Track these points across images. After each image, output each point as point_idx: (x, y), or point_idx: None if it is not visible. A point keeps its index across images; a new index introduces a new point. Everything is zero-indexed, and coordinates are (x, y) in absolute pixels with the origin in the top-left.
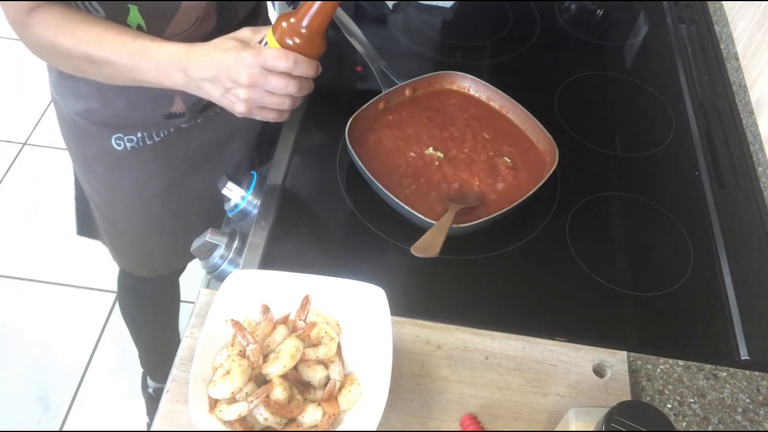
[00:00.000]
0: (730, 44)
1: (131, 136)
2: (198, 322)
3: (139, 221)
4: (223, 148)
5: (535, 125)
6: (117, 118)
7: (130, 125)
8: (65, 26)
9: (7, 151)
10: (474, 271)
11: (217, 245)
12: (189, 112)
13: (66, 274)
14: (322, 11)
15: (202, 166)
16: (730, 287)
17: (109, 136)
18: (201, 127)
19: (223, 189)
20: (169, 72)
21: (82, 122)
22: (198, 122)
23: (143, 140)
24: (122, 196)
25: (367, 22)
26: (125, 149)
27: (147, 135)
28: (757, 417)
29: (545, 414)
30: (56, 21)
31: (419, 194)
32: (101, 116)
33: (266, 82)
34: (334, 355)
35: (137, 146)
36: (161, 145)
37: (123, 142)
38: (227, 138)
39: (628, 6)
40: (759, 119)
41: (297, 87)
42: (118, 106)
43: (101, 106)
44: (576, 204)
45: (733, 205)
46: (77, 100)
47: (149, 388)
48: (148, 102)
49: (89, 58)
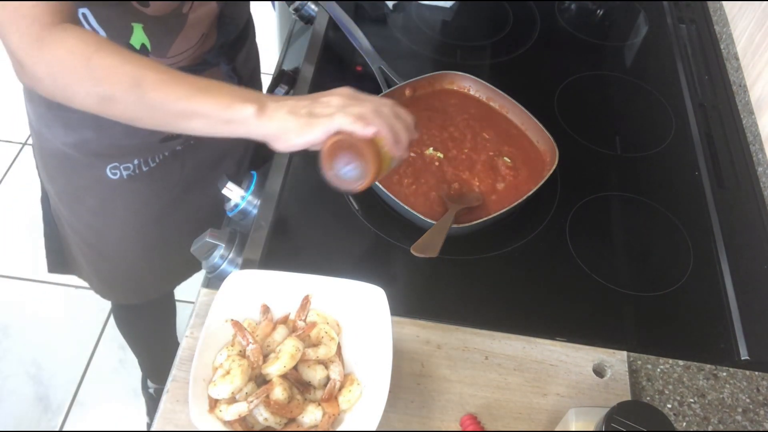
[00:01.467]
0: (730, 44)
1: (128, 164)
2: (198, 322)
3: (131, 249)
4: (214, 168)
5: (535, 125)
6: (112, 147)
7: (126, 152)
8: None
9: (7, 151)
10: (474, 271)
11: (217, 245)
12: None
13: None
14: None
15: (194, 187)
16: (730, 287)
17: (103, 166)
18: (195, 148)
19: (223, 189)
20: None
21: (74, 154)
22: (191, 144)
23: (139, 167)
24: (115, 225)
25: (367, 22)
26: (121, 178)
27: (143, 161)
28: (757, 417)
29: (545, 414)
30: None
31: (419, 194)
32: (96, 146)
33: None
34: (334, 355)
35: (133, 174)
36: (157, 170)
37: (119, 171)
38: (219, 157)
39: (628, 6)
40: (759, 119)
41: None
42: (113, 133)
43: (96, 135)
44: (576, 204)
45: (733, 205)
46: (68, 131)
47: (150, 388)
48: None
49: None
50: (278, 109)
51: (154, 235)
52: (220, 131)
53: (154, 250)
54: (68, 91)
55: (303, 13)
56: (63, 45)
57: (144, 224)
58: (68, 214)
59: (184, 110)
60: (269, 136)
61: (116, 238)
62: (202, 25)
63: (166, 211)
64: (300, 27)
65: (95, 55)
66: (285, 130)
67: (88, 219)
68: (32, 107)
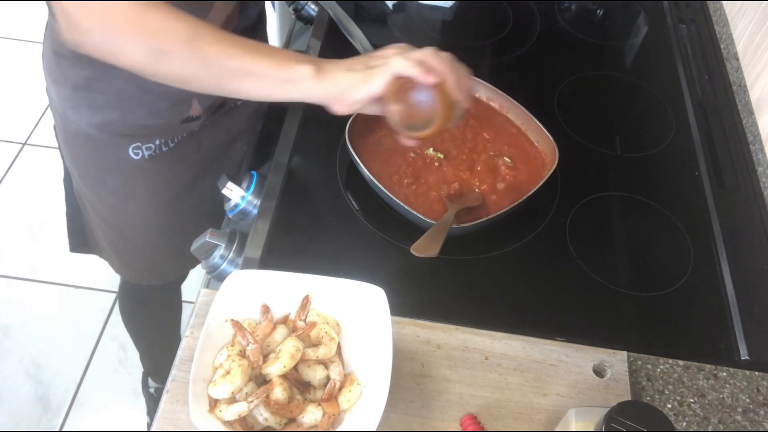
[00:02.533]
0: (730, 44)
1: (149, 144)
2: (198, 322)
3: (151, 229)
4: (228, 149)
5: (535, 125)
6: (136, 127)
7: (148, 133)
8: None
9: (7, 151)
10: (474, 271)
11: (217, 245)
12: (204, 114)
13: (66, 274)
14: None
15: (210, 168)
16: (730, 287)
17: (126, 146)
18: (210, 129)
19: (223, 189)
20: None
21: (98, 135)
22: (207, 124)
23: (160, 147)
24: (137, 206)
25: (367, 22)
26: (143, 158)
27: (163, 142)
28: (757, 417)
29: (545, 414)
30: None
31: (419, 194)
32: (120, 126)
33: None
34: (334, 355)
35: (154, 154)
36: (176, 150)
37: (141, 151)
38: (232, 138)
39: (628, 6)
40: (759, 119)
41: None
42: (138, 114)
43: (121, 116)
44: (576, 204)
45: (733, 205)
46: (93, 112)
47: (150, 388)
48: (168, 107)
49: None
50: (335, 70)
51: (172, 216)
52: (275, 93)
53: (173, 232)
54: (119, 45)
55: (303, 13)
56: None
57: (164, 205)
58: (90, 195)
59: (239, 68)
60: (327, 97)
61: (137, 219)
62: (227, 7)
63: (184, 191)
64: (300, 27)
65: (150, 7)
66: (344, 88)
67: (110, 200)
68: (57, 89)
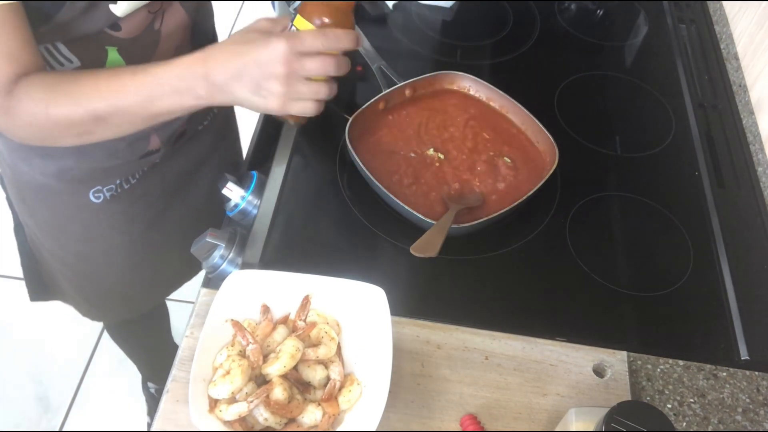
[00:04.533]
0: (730, 44)
1: (110, 185)
2: (198, 322)
3: (119, 268)
4: (193, 175)
5: (535, 125)
6: (94, 171)
7: (107, 175)
8: (54, 89)
9: None
10: (474, 271)
11: (217, 245)
12: (164, 145)
13: None
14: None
15: (176, 197)
16: (730, 287)
17: (86, 191)
18: (172, 159)
19: (223, 189)
20: (190, 87)
21: (55, 183)
22: (169, 154)
23: (121, 186)
24: (102, 249)
25: (367, 22)
26: (104, 200)
27: (124, 179)
28: (757, 417)
29: (545, 414)
30: (44, 87)
31: (419, 194)
32: (77, 172)
33: (303, 68)
34: (334, 355)
35: (116, 193)
36: (138, 186)
37: (102, 194)
38: (197, 164)
39: (628, 6)
40: (759, 119)
41: (335, 65)
42: (95, 157)
43: (77, 161)
44: (576, 204)
45: (733, 205)
46: (47, 161)
47: (150, 388)
48: (126, 146)
49: (94, 116)
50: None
51: (141, 251)
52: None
53: (142, 265)
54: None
55: None
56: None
57: (130, 242)
58: (50, 244)
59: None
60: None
61: (104, 260)
62: (175, 37)
63: (151, 225)
64: None
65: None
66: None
67: (73, 246)
68: (3, 141)
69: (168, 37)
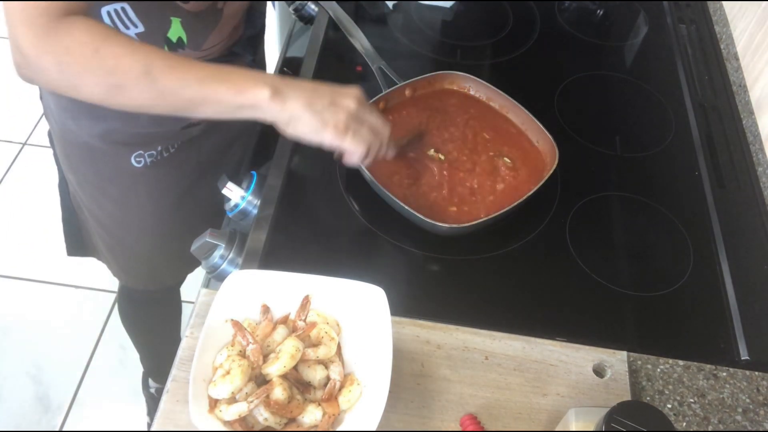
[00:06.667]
0: (730, 44)
1: (152, 151)
2: (198, 322)
3: (150, 235)
4: (227, 151)
5: (535, 125)
6: (138, 135)
7: (150, 140)
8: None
9: (7, 151)
10: (474, 271)
11: (217, 245)
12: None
13: (66, 274)
14: None
15: (209, 171)
16: (730, 287)
17: (128, 154)
18: (209, 133)
19: (223, 189)
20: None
21: (100, 144)
22: (207, 128)
23: (161, 153)
24: (137, 213)
25: (367, 22)
26: (144, 165)
27: (164, 148)
28: (757, 417)
29: (545, 414)
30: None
31: (419, 194)
32: (122, 135)
33: (368, 114)
34: (334, 355)
35: (156, 160)
36: (176, 156)
37: (143, 159)
38: (231, 140)
39: (628, 6)
40: (759, 119)
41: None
42: (140, 122)
43: (123, 125)
44: (576, 204)
45: (733, 205)
46: (94, 122)
47: (150, 388)
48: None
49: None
50: (295, 98)
51: (171, 221)
52: (232, 116)
53: (172, 237)
54: (76, 82)
55: (303, 13)
56: (71, 35)
57: (163, 211)
58: (89, 202)
59: (194, 96)
60: (280, 120)
61: (136, 225)
62: (235, 18)
63: (183, 196)
64: (300, 27)
65: (103, 44)
66: (296, 120)
67: (110, 207)
68: (55, 99)
69: (228, 18)
